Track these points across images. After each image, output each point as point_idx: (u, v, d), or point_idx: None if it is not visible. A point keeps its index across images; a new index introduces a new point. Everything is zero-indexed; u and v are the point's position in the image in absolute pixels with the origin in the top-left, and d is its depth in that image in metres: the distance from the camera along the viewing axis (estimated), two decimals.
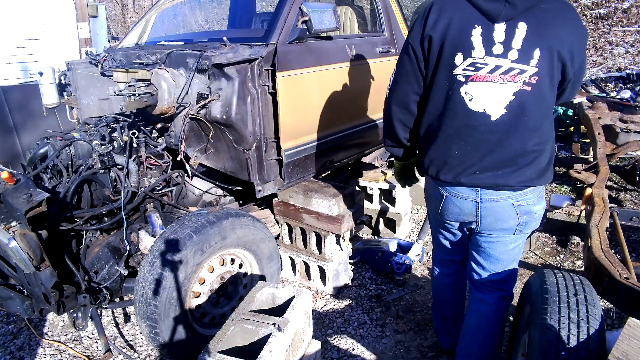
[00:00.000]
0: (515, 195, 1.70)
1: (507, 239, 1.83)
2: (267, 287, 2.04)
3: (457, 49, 1.58)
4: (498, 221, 1.76)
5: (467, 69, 1.58)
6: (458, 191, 1.76)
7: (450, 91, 1.63)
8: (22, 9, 5.92)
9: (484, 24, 1.55)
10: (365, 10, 4.04)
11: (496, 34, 1.55)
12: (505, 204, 1.71)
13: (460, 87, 1.61)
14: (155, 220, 2.48)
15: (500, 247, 1.85)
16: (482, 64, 1.57)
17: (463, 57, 1.58)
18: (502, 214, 1.74)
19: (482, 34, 1.55)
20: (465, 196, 1.75)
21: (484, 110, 1.60)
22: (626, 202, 4.20)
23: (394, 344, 2.47)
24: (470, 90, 1.60)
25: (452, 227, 1.98)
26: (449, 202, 1.81)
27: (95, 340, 2.56)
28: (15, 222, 1.96)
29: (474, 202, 1.74)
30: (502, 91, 1.57)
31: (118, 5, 14.59)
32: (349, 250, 2.98)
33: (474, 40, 1.56)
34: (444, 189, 1.81)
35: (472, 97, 1.60)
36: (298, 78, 2.55)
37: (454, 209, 1.81)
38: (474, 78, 1.58)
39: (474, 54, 1.57)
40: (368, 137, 3.32)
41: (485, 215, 1.75)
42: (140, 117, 2.70)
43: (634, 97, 4.07)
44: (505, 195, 1.70)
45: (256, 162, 2.50)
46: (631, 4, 7.96)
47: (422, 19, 1.66)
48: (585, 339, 1.44)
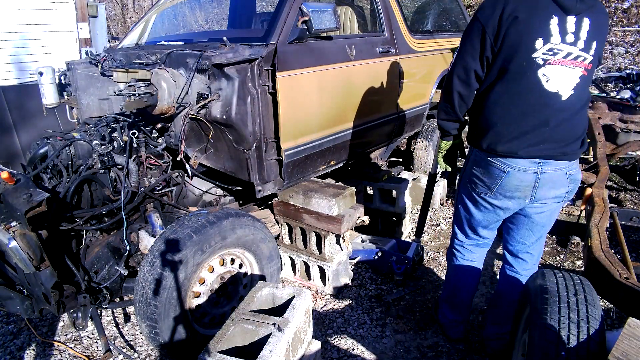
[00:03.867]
0: (568, 165, 1.91)
1: (555, 207, 2.03)
2: (267, 287, 2.04)
3: (537, 35, 1.76)
4: (552, 190, 1.93)
5: (546, 53, 1.77)
6: (522, 165, 1.89)
7: (529, 72, 1.79)
8: (22, 9, 5.92)
9: (560, 15, 1.76)
10: (365, 10, 4.04)
11: (568, 25, 1.76)
12: (561, 174, 1.91)
13: (538, 69, 1.78)
14: (155, 220, 2.48)
15: (548, 215, 2.04)
16: (558, 50, 1.76)
17: (543, 42, 1.76)
18: (557, 183, 1.92)
19: (558, 23, 1.75)
20: (527, 168, 1.89)
21: (557, 90, 1.80)
22: (626, 202, 4.20)
23: (394, 344, 2.47)
24: (547, 72, 1.78)
25: (502, 206, 2.03)
26: (510, 176, 1.92)
27: (95, 340, 2.56)
28: (15, 222, 1.96)
29: (534, 174, 1.89)
30: (572, 75, 1.79)
31: (118, 5, 14.59)
32: (349, 250, 2.98)
33: (552, 29, 1.75)
34: (505, 164, 1.92)
35: (548, 78, 1.78)
36: (298, 78, 2.55)
37: (514, 182, 1.92)
38: (551, 62, 1.77)
39: (552, 40, 1.76)
40: (368, 136, 3.32)
41: (543, 184, 1.91)
42: (140, 117, 2.70)
43: (634, 97, 4.07)
44: (562, 166, 1.89)
45: (256, 162, 2.50)
46: (631, 4, 7.96)
47: (501, 1, 1.80)
48: (585, 339, 1.44)
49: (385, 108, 3.39)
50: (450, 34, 4.30)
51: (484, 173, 1.99)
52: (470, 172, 2.07)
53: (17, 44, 5.95)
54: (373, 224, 3.79)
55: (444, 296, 2.47)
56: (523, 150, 1.85)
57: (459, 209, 2.25)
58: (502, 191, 1.96)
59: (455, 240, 2.35)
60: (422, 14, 4.30)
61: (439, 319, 2.52)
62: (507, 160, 1.89)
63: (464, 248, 2.32)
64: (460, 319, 2.42)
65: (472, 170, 2.05)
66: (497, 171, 1.93)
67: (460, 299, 2.38)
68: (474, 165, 2.04)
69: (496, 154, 1.91)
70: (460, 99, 2.00)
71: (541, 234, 2.12)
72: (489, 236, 2.26)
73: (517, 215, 2.08)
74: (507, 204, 2.00)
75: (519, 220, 2.09)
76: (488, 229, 2.20)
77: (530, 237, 2.11)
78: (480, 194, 2.05)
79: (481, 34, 1.83)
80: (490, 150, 1.92)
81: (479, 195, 2.06)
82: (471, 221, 2.20)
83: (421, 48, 3.70)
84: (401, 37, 3.47)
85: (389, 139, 3.64)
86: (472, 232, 2.25)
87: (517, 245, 2.16)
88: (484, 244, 2.30)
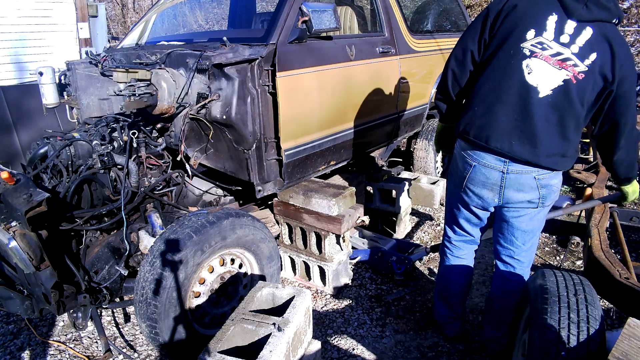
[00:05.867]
0: (537, 170, 1.88)
1: (533, 212, 1.99)
2: (267, 287, 2.03)
3: (531, 25, 1.77)
4: (520, 192, 1.92)
5: (535, 46, 1.77)
6: (488, 160, 1.91)
7: (513, 60, 1.80)
8: (22, 8, 5.92)
9: (560, 15, 1.75)
10: (365, 10, 4.04)
11: (567, 27, 1.75)
12: (529, 177, 1.89)
13: (523, 60, 1.79)
14: (155, 220, 2.48)
15: (528, 220, 2.01)
16: (548, 46, 1.76)
17: (535, 34, 1.77)
18: (524, 185, 1.90)
19: (556, 21, 1.75)
20: (493, 165, 1.90)
21: (537, 86, 1.79)
22: None
23: (394, 344, 2.47)
24: (531, 64, 1.78)
25: (473, 202, 2.07)
26: (476, 170, 1.94)
27: (95, 340, 2.56)
28: (15, 222, 1.96)
29: (500, 172, 1.90)
30: (555, 75, 1.77)
31: (118, 5, 14.59)
32: (349, 250, 2.98)
33: (548, 24, 1.76)
34: (472, 158, 1.95)
35: (531, 70, 1.79)
36: (298, 78, 2.55)
37: (480, 177, 1.95)
38: (537, 55, 1.77)
39: (545, 35, 1.76)
40: (368, 136, 3.32)
41: (509, 185, 1.91)
42: (140, 117, 2.70)
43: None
44: (529, 169, 1.88)
45: (256, 162, 2.50)
46: (631, 4, 7.96)
47: None
48: (585, 339, 1.44)
49: (385, 108, 3.39)
50: (450, 34, 4.30)
51: (456, 167, 2.06)
52: (451, 166, 2.14)
53: (17, 44, 5.95)
54: (373, 224, 3.79)
55: (436, 293, 2.49)
56: (493, 139, 1.85)
57: (447, 206, 2.31)
58: (470, 186, 2.00)
59: (445, 237, 2.40)
60: (422, 14, 4.30)
61: (435, 317, 2.53)
62: (475, 153, 1.94)
63: (452, 244, 2.35)
64: (454, 315, 2.43)
65: (451, 164, 2.12)
66: (466, 165, 1.98)
67: (451, 295, 2.40)
68: (453, 160, 2.11)
69: (468, 141, 1.95)
70: (453, 77, 2.03)
71: (526, 241, 2.07)
72: (474, 234, 2.28)
73: (499, 219, 2.10)
74: (476, 201, 2.04)
75: (501, 225, 2.10)
76: (471, 225, 2.23)
77: (514, 243, 2.09)
78: (455, 188, 2.11)
79: (484, 17, 1.89)
80: (464, 134, 1.95)
81: (456, 190, 2.12)
82: (455, 216, 2.25)
83: (421, 48, 3.71)
84: (401, 37, 3.47)
85: (388, 139, 3.65)
86: (457, 228, 2.28)
87: (503, 251, 2.16)
88: (470, 241, 2.32)
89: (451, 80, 2.05)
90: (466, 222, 2.22)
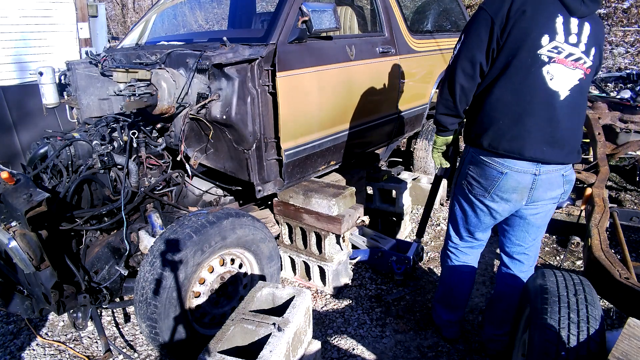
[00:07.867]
0: (565, 167, 1.92)
1: (550, 207, 2.02)
2: (267, 287, 2.03)
3: (544, 31, 1.75)
4: (548, 191, 1.93)
5: (551, 51, 1.76)
6: (520, 166, 1.87)
7: (533, 68, 1.77)
8: (23, 9, 5.92)
9: (565, 15, 1.76)
10: (365, 10, 4.04)
11: (572, 26, 1.77)
12: (557, 175, 1.91)
13: (543, 67, 1.77)
14: (155, 220, 2.48)
15: (543, 216, 2.04)
16: (562, 49, 1.77)
17: (549, 39, 1.75)
18: (553, 184, 1.92)
19: (563, 22, 1.76)
20: (525, 170, 1.87)
21: (558, 90, 1.79)
22: (626, 202, 4.20)
23: (394, 344, 2.47)
24: (552, 70, 1.77)
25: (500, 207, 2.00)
26: (508, 177, 1.90)
27: (95, 340, 2.56)
28: (15, 222, 1.96)
29: (532, 175, 1.89)
30: (572, 76, 1.79)
31: (118, 5, 14.58)
32: (349, 250, 2.98)
33: (557, 27, 1.76)
34: (504, 166, 1.89)
35: (552, 76, 1.78)
36: (298, 78, 2.55)
37: (512, 184, 1.91)
38: (556, 60, 1.77)
39: (557, 39, 1.76)
40: (368, 136, 3.32)
41: (540, 186, 1.91)
42: (140, 117, 2.70)
43: (634, 97, 4.07)
44: (560, 167, 1.90)
45: (256, 162, 2.50)
46: (631, 4, 7.96)
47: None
48: (585, 339, 1.44)
49: (385, 108, 3.39)
50: (450, 34, 4.30)
51: (480, 174, 1.96)
52: (465, 173, 2.03)
53: (18, 44, 5.95)
54: (373, 224, 3.78)
55: (438, 297, 2.47)
56: (527, 150, 1.82)
57: (454, 211, 2.23)
58: (499, 193, 1.93)
59: (450, 242, 2.34)
60: (422, 14, 4.30)
61: (434, 319, 2.52)
62: (506, 161, 1.87)
63: (459, 250, 2.31)
64: (455, 319, 2.42)
65: (468, 171, 2.01)
66: (495, 172, 1.91)
67: (455, 300, 2.38)
68: (470, 166, 2.00)
69: (497, 154, 1.88)
70: (462, 92, 1.93)
71: (537, 235, 2.11)
72: (483, 238, 2.26)
73: (513, 216, 2.07)
74: (503, 206, 1.98)
75: (514, 221, 2.08)
76: (483, 232, 2.20)
77: (526, 238, 2.10)
78: (476, 195, 2.02)
79: (490, 26, 1.79)
80: (491, 149, 1.88)
81: (476, 197, 2.03)
82: (467, 223, 2.18)
83: (421, 48, 3.70)
84: (401, 37, 3.47)
85: (388, 139, 3.64)
86: (467, 234, 2.23)
87: (513, 247, 2.16)
88: (478, 246, 2.30)
89: (459, 95, 1.94)
90: (479, 229, 2.16)
